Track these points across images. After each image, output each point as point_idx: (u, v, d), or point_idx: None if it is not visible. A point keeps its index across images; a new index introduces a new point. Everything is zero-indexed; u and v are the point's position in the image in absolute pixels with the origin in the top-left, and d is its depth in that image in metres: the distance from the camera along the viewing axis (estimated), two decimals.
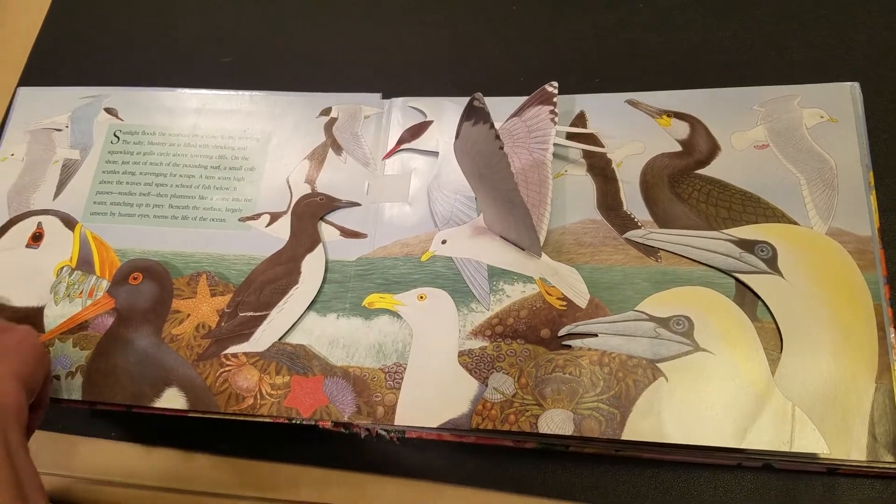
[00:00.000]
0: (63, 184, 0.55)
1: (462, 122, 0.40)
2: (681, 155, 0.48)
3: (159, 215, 0.53)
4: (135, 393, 0.46)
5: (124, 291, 0.50)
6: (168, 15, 0.66)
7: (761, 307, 0.43)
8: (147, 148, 0.56)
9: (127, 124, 0.57)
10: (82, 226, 0.53)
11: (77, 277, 0.51)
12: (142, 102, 0.58)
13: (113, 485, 0.51)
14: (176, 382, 0.47)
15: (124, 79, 0.61)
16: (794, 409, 0.40)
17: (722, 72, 0.52)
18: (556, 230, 0.48)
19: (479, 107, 0.38)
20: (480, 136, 0.40)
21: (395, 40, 0.60)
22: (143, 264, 0.51)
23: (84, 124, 0.57)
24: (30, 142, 0.57)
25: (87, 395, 0.47)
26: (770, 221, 0.45)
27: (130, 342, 0.48)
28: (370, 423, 0.44)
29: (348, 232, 0.50)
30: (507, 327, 0.45)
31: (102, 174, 0.55)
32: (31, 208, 0.54)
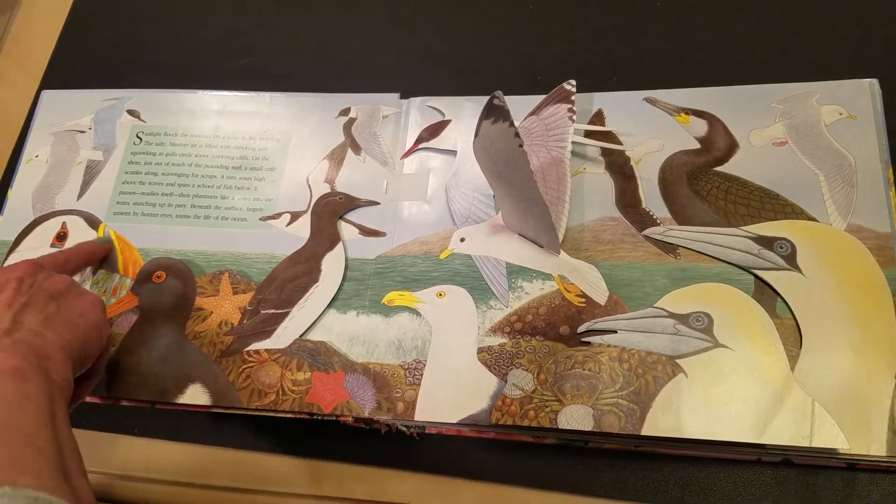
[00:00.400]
0: (87, 184, 0.56)
1: (482, 121, 0.41)
2: (699, 152, 0.49)
3: (182, 215, 0.54)
4: (159, 389, 0.48)
5: (148, 290, 0.51)
6: (186, 17, 0.67)
7: (780, 304, 0.43)
8: (169, 149, 0.57)
9: (149, 125, 0.58)
10: (106, 225, 0.54)
11: (101, 276, 0.52)
12: (164, 104, 0.59)
13: (134, 480, 0.52)
14: (199, 379, 0.48)
15: (143, 80, 0.63)
16: (813, 404, 0.40)
17: (740, 69, 0.53)
18: (575, 228, 0.48)
19: (499, 105, 0.39)
20: (500, 134, 0.40)
21: (413, 40, 0.61)
22: (167, 263, 0.52)
23: (107, 126, 0.58)
24: (54, 143, 0.59)
25: (112, 392, 0.48)
26: (789, 218, 0.45)
27: (154, 339, 0.49)
28: (390, 418, 0.45)
29: (367, 230, 0.51)
30: (526, 324, 0.46)
31: (125, 175, 0.56)
32: (56, 208, 0.56)
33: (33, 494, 0.29)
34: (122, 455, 0.51)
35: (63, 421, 0.36)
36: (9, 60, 0.71)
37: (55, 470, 0.32)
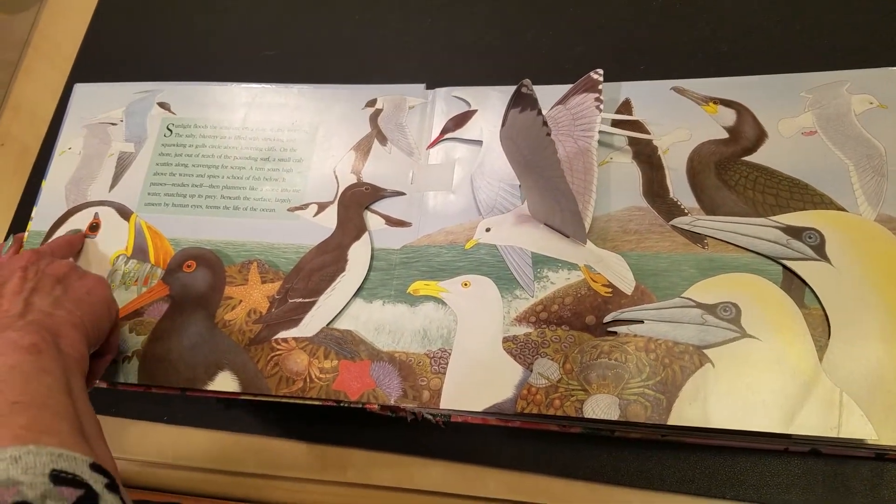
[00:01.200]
0: (118, 176, 0.58)
1: (509, 110, 0.41)
2: (727, 142, 0.49)
3: (211, 206, 0.55)
4: (189, 377, 0.49)
5: (178, 279, 0.52)
6: (211, 9, 0.69)
7: (809, 294, 0.43)
8: (199, 141, 0.58)
9: (179, 118, 0.59)
10: (137, 216, 0.56)
11: (133, 266, 0.54)
12: (194, 96, 0.60)
13: (164, 467, 0.53)
14: (229, 366, 0.49)
15: (170, 72, 0.64)
16: (841, 394, 0.40)
17: (769, 58, 0.53)
18: (602, 217, 0.48)
19: (528, 93, 0.39)
20: (527, 124, 0.41)
21: (439, 30, 0.61)
22: (197, 253, 0.53)
23: (138, 118, 0.60)
24: (86, 136, 0.60)
25: (143, 379, 0.50)
26: (818, 208, 0.45)
27: (184, 327, 0.51)
28: (416, 406, 0.46)
29: (393, 220, 0.52)
30: (552, 314, 0.46)
31: (156, 166, 0.58)
32: (88, 200, 0.57)
33: (56, 451, 0.31)
34: (152, 442, 0.53)
35: (80, 392, 0.38)
36: (37, 54, 0.73)
37: (75, 431, 0.34)
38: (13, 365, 0.36)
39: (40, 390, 0.35)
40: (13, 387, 0.34)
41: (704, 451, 0.44)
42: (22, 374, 0.35)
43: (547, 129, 0.41)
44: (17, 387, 0.34)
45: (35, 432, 0.32)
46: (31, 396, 0.34)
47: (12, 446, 0.30)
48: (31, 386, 0.35)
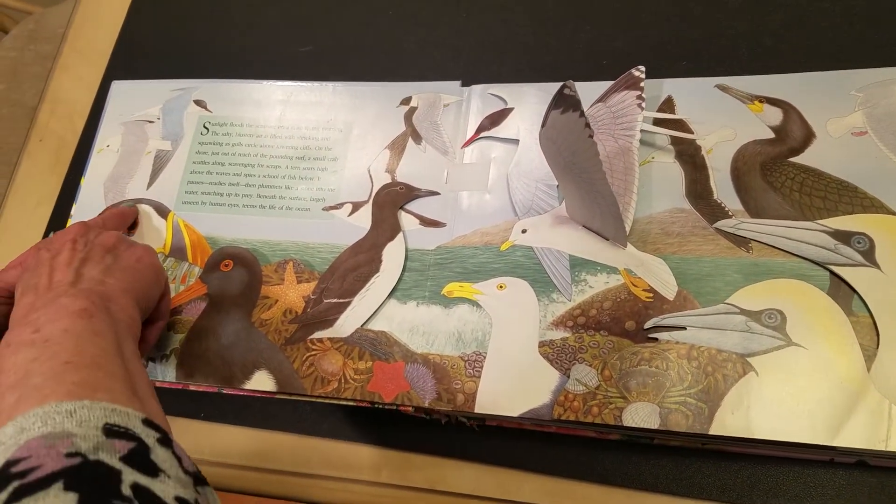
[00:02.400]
0: (156, 174, 0.59)
1: (550, 110, 0.41)
2: (773, 142, 0.48)
3: (248, 205, 0.56)
4: (226, 375, 0.49)
5: (216, 278, 0.53)
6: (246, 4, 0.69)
7: (857, 301, 0.42)
8: (235, 139, 0.58)
9: (216, 116, 0.60)
10: (175, 214, 0.56)
11: (171, 264, 0.55)
12: (229, 94, 0.60)
13: (201, 463, 0.54)
14: (265, 365, 0.49)
15: (204, 68, 0.65)
16: (890, 406, 0.39)
17: (818, 54, 0.51)
18: (643, 219, 0.48)
19: (570, 94, 0.39)
20: (569, 125, 0.40)
21: (474, 24, 0.61)
22: (234, 252, 0.54)
23: (175, 116, 0.60)
24: (124, 133, 0.61)
25: (181, 377, 0.50)
26: (867, 212, 0.44)
27: (222, 326, 0.51)
28: (450, 409, 0.45)
29: (427, 221, 0.52)
30: (590, 318, 0.46)
31: (193, 164, 0.58)
32: (126, 197, 0.58)
33: (110, 406, 0.32)
34: (189, 439, 0.54)
35: (131, 354, 0.39)
36: (73, 49, 0.74)
37: (127, 389, 0.35)
38: (66, 328, 0.37)
39: (93, 351, 0.36)
40: (66, 348, 0.35)
41: (745, 459, 0.43)
42: (75, 336, 0.36)
43: (590, 130, 0.40)
44: (70, 348, 0.35)
45: (89, 389, 0.33)
46: (84, 357, 0.35)
47: (67, 401, 0.31)
48: (84, 347, 0.36)
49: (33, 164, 0.69)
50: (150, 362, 0.51)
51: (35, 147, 0.70)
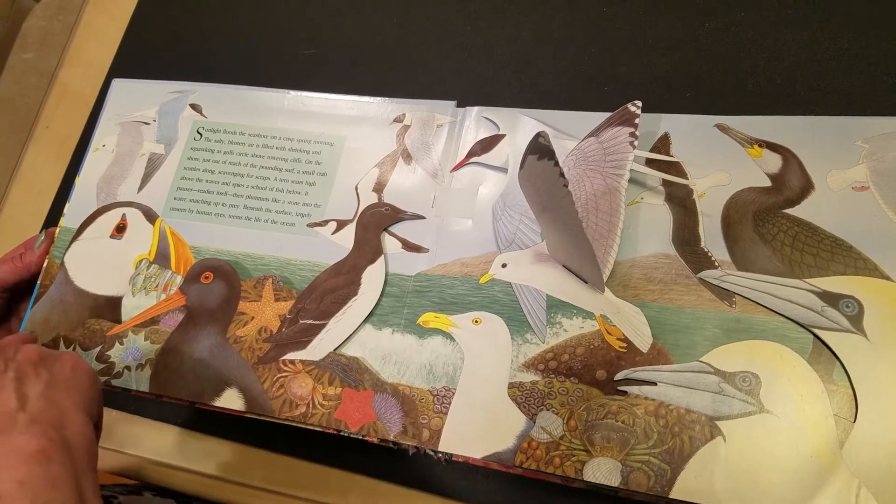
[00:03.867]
0: (147, 177, 0.58)
1: (527, 155, 0.39)
2: (769, 191, 0.46)
3: (234, 215, 0.55)
4: (197, 390, 0.49)
5: (196, 289, 0.53)
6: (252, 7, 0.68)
7: (839, 368, 0.40)
8: (227, 147, 0.58)
9: (210, 121, 0.59)
10: (162, 220, 0.56)
11: (154, 271, 0.55)
12: (226, 100, 0.60)
13: (172, 468, 0.54)
14: (236, 384, 0.49)
15: (209, 67, 0.64)
16: (859, 487, 0.38)
17: (827, 95, 0.49)
18: (625, 262, 0.46)
19: (545, 144, 0.38)
20: (545, 172, 0.39)
21: (479, 41, 0.59)
22: (215, 264, 0.53)
23: (170, 119, 0.60)
24: (120, 133, 0.61)
25: (154, 388, 0.51)
26: (860, 274, 0.42)
27: (197, 340, 0.51)
28: (415, 444, 0.45)
29: (411, 245, 0.51)
30: (562, 364, 0.45)
31: (184, 170, 0.58)
32: (118, 199, 0.58)
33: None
34: (165, 446, 0.54)
35: (91, 492, 0.36)
36: (82, 40, 0.74)
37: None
38: (22, 481, 0.33)
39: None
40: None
41: None
42: (32, 493, 0.33)
43: (564, 180, 0.39)
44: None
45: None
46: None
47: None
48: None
49: (39, 152, 0.70)
50: (125, 370, 0.51)
51: (41, 133, 0.71)
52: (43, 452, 0.35)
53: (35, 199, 0.67)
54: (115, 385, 0.52)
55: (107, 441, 0.56)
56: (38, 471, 0.34)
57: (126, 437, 0.56)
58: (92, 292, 0.55)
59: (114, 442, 0.56)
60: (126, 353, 0.52)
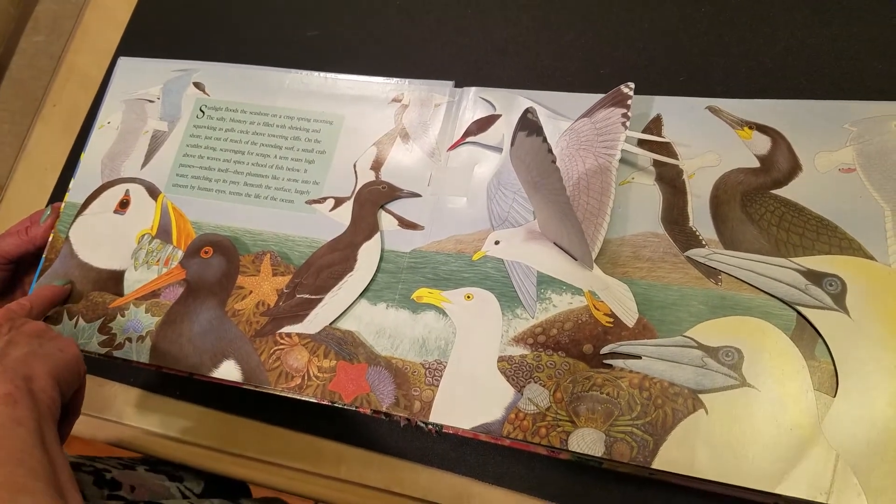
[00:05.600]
0: (151, 154, 0.59)
1: (517, 132, 0.40)
2: (758, 172, 0.46)
3: (235, 192, 0.56)
4: (195, 362, 0.51)
5: (195, 263, 0.54)
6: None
7: (821, 345, 0.41)
8: (229, 125, 0.59)
9: (212, 99, 0.60)
10: (164, 196, 0.57)
11: (156, 246, 0.56)
12: (228, 78, 0.61)
13: (173, 440, 0.56)
14: (234, 355, 0.50)
15: (215, 47, 0.65)
16: (837, 458, 0.38)
17: (817, 79, 0.49)
18: (615, 241, 0.47)
19: (532, 120, 0.38)
20: (534, 148, 0.40)
21: (479, 24, 0.60)
22: (215, 239, 0.55)
23: (174, 97, 0.61)
24: (125, 111, 0.62)
25: (154, 360, 0.52)
26: (844, 253, 0.43)
27: (196, 313, 0.52)
28: (407, 415, 0.46)
29: (406, 223, 0.52)
30: (550, 338, 0.46)
31: (186, 147, 0.59)
32: (122, 175, 0.59)
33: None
34: (161, 417, 0.56)
35: (52, 440, 0.39)
36: (92, 17, 0.75)
37: (50, 487, 0.35)
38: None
39: (16, 445, 0.36)
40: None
41: (692, 493, 0.43)
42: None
43: (552, 156, 0.39)
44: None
45: (10, 491, 0.33)
46: (6, 452, 0.35)
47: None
48: (6, 441, 0.36)
49: (46, 129, 0.71)
50: (126, 342, 0.53)
51: (49, 112, 0.72)
52: (9, 395, 0.38)
53: (42, 175, 0.68)
54: (117, 356, 0.53)
55: (105, 412, 0.58)
56: (5, 410, 0.37)
57: (123, 409, 0.57)
58: (95, 266, 0.56)
59: (112, 413, 0.57)
60: (127, 325, 0.53)
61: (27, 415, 0.38)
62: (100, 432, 0.58)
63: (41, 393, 0.40)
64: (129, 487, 0.50)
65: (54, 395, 0.42)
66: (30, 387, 0.40)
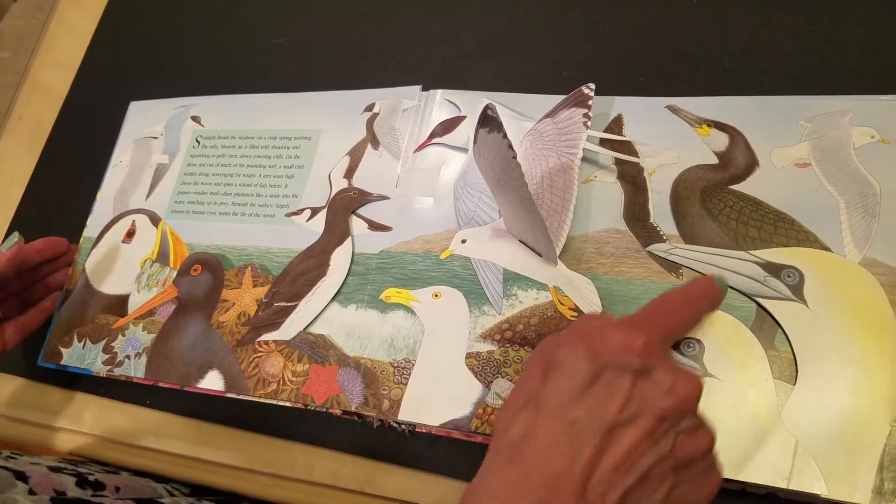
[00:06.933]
0: (154, 185, 0.62)
1: (478, 129, 0.41)
2: (716, 168, 0.46)
3: (223, 212, 0.57)
4: (184, 374, 0.51)
5: (186, 281, 0.55)
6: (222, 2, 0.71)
7: (780, 335, 0.40)
8: (220, 151, 0.60)
9: (207, 130, 0.62)
10: (164, 222, 0.59)
11: (156, 269, 0.57)
12: (221, 108, 0.62)
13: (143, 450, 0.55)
14: (217, 366, 0.51)
15: (180, 60, 0.68)
16: (797, 445, 0.37)
17: (775, 77, 0.48)
18: (579, 237, 0.47)
19: (493, 116, 0.39)
20: (496, 144, 0.40)
21: (444, 28, 0.60)
22: (203, 257, 0.56)
23: (174, 132, 0.63)
24: (133, 150, 0.64)
25: (149, 375, 0.53)
26: (802, 245, 0.42)
27: (186, 328, 0.53)
28: (376, 414, 0.46)
29: (375, 225, 0.52)
30: (517, 333, 0.45)
31: (184, 176, 0.61)
32: (129, 207, 0.62)
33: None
34: (132, 425, 0.55)
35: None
36: (58, 27, 0.76)
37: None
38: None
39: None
40: None
41: None
42: None
43: (513, 152, 0.40)
44: None
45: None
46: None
47: None
48: None
49: (12, 142, 0.73)
50: (126, 359, 0.54)
51: (14, 125, 0.74)
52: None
53: (7, 188, 0.70)
54: (118, 373, 0.54)
55: (77, 424, 0.57)
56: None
57: (89, 418, 0.57)
58: (105, 293, 0.58)
59: (81, 423, 0.57)
60: (126, 343, 0.55)
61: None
62: (67, 443, 0.58)
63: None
64: (113, 488, 0.50)
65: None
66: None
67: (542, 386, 0.30)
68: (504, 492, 0.26)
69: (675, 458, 0.28)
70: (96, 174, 0.66)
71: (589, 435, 0.27)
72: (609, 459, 0.27)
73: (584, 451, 0.27)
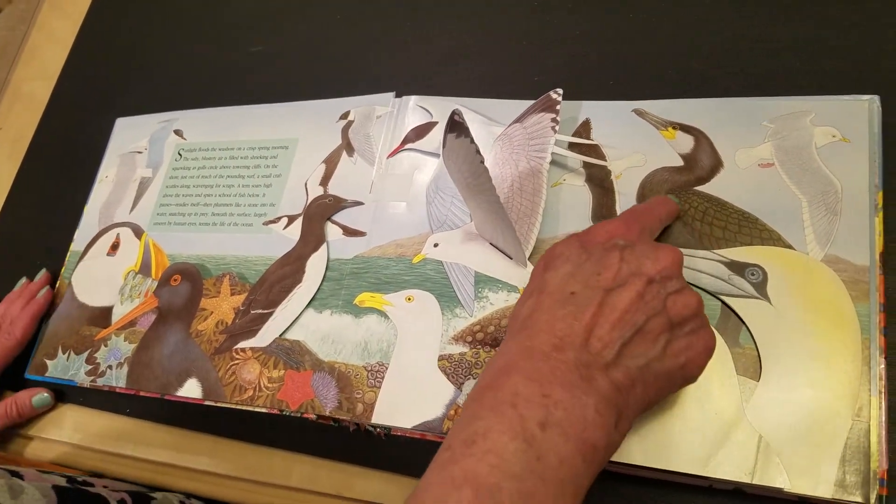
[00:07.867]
0: (138, 199, 0.62)
1: (446, 134, 0.41)
2: (681, 170, 0.46)
3: (203, 223, 0.57)
4: (164, 382, 0.51)
5: (166, 292, 0.55)
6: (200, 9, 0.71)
7: (744, 333, 0.40)
8: (201, 163, 0.60)
9: (188, 142, 0.62)
10: (147, 235, 0.59)
11: (138, 280, 0.57)
12: (202, 121, 0.62)
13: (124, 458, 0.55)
14: (195, 374, 0.50)
15: (161, 67, 0.68)
16: (760, 440, 0.37)
17: (740, 78, 0.48)
18: (548, 239, 0.47)
19: (460, 122, 0.39)
20: (464, 149, 0.40)
21: (416, 36, 0.60)
22: (182, 267, 0.55)
23: (158, 146, 0.63)
24: (119, 164, 0.65)
25: (130, 384, 0.52)
26: (765, 244, 0.42)
27: (166, 337, 0.53)
28: (350, 418, 0.46)
29: (349, 230, 0.52)
30: (488, 335, 0.45)
31: (166, 188, 0.61)
32: (114, 221, 0.61)
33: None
34: (112, 433, 0.55)
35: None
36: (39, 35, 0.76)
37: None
38: (567, 457, 0.27)
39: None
40: (554, 480, 0.27)
41: (628, 480, 0.41)
42: (573, 475, 0.28)
43: (480, 157, 0.40)
44: (555, 486, 0.27)
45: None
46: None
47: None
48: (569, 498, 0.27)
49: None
50: (108, 370, 0.53)
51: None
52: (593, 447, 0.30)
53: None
54: (100, 384, 0.54)
55: (55, 432, 0.57)
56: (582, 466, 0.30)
57: (69, 427, 0.57)
58: (90, 305, 0.58)
59: (59, 432, 0.57)
60: (109, 354, 0.54)
61: (586, 473, 0.30)
62: (47, 452, 0.57)
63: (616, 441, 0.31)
64: (102, 487, 0.49)
65: (577, 461, 0.30)
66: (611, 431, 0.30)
67: (543, 275, 0.34)
68: (517, 354, 0.30)
69: (667, 315, 0.32)
70: (77, 185, 0.66)
71: (587, 301, 0.31)
72: (607, 318, 0.31)
73: (584, 315, 0.31)
